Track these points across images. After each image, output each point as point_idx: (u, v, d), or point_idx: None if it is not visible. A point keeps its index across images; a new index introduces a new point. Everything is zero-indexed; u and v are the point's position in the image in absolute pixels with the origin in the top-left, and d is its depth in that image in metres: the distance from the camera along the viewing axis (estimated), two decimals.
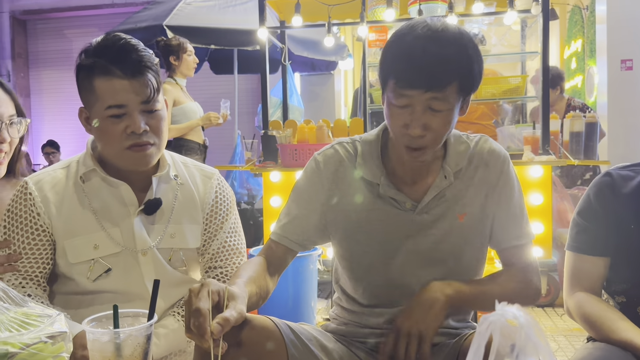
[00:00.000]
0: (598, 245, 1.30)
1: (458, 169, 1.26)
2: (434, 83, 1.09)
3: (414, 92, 1.10)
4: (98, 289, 1.33)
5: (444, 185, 1.25)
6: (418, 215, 1.25)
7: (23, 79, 8.54)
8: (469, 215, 1.26)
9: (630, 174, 1.30)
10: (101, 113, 1.26)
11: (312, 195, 1.31)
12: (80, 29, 8.29)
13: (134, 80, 1.26)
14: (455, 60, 1.10)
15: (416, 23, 1.14)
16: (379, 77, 1.21)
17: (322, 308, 3.34)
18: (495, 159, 1.28)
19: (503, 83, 3.57)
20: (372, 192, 1.27)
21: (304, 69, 6.00)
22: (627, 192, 1.27)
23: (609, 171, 1.32)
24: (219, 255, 1.43)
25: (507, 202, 1.28)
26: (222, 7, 4.97)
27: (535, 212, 3.07)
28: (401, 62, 1.11)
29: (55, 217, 1.33)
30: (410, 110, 1.13)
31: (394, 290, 1.28)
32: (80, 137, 8.02)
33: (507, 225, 1.29)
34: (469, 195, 1.26)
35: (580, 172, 3.96)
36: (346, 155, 1.31)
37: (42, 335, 0.91)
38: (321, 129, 3.33)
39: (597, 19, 4.68)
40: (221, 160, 5.40)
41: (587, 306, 1.26)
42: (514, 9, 3.22)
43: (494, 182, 1.27)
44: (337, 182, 1.29)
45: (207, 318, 0.92)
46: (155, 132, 1.30)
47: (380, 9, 3.40)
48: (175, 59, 3.70)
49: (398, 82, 1.11)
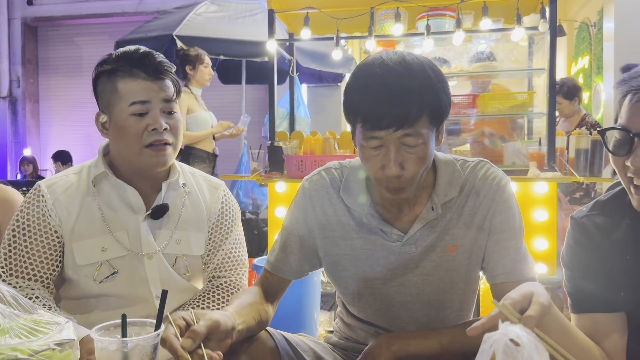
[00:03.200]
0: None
1: (448, 199, 1.19)
2: (403, 120, 1.03)
3: (383, 133, 1.05)
4: (103, 292, 1.36)
5: (430, 217, 1.18)
6: (405, 247, 1.20)
7: (32, 84, 8.61)
8: (460, 248, 1.19)
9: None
10: (125, 110, 1.32)
11: (301, 222, 1.28)
12: (91, 36, 8.38)
13: (157, 81, 1.34)
14: (420, 92, 1.04)
15: (372, 61, 1.08)
16: (346, 120, 1.14)
17: (324, 320, 3.34)
18: (487, 187, 1.19)
19: (510, 99, 3.58)
20: (356, 220, 1.23)
21: (311, 81, 6.04)
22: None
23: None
24: (224, 265, 1.46)
25: (498, 232, 1.18)
26: (231, 18, 5.02)
27: (540, 229, 3.07)
28: (364, 103, 1.05)
29: (66, 220, 1.36)
30: (384, 150, 1.07)
31: (384, 318, 1.27)
32: (88, 142, 8.10)
33: (498, 258, 1.18)
34: (460, 226, 1.19)
35: (571, 189, 3.95)
36: (332, 182, 1.27)
37: (50, 342, 0.93)
38: (327, 141, 3.35)
39: (604, 36, 4.70)
40: (227, 169, 5.42)
41: None
42: (521, 26, 3.24)
43: (484, 212, 1.18)
44: (324, 208, 1.26)
45: (173, 340, 0.93)
46: (173, 132, 1.36)
47: (388, 23, 3.42)
48: (192, 69, 3.79)
49: (365, 125, 1.05)
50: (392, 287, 1.23)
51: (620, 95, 1.03)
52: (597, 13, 4.97)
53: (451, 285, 1.21)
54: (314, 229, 1.27)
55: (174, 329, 0.95)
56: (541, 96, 3.62)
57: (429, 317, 1.24)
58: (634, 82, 1.00)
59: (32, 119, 8.62)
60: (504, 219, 1.19)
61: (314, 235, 1.28)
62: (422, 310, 1.23)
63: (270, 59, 3.64)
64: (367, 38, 3.38)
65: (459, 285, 1.22)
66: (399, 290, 1.22)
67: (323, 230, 1.26)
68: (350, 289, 1.27)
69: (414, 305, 1.23)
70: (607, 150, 1.06)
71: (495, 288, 1.20)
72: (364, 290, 1.25)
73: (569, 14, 5.69)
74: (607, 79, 4.59)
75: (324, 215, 1.26)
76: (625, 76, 1.02)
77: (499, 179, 1.20)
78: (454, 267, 1.20)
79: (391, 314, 1.25)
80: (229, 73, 5.93)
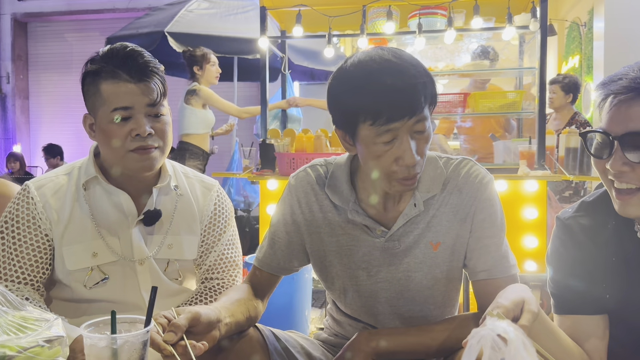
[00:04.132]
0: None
1: (430, 195, 1.20)
2: (416, 107, 1.06)
3: (399, 124, 1.06)
4: (94, 297, 1.34)
5: (413, 213, 1.19)
6: (389, 243, 1.21)
7: (22, 81, 8.55)
8: (443, 245, 1.20)
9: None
10: (107, 116, 1.28)
11: (288, 219, 1.29)
12: (81, 32, 8.33)
13: (140, 83, 1.28)
14: (423, 79, 1.08)
15: (364, 60, 1.09)
16: (340, 125, 1.14)
17: (315, 317, 3.34)
18: (470, 184, 1.20)
19: (500, 98, 3.60)
20: (341, 217, 1.24)
21: (303, 79, 6.03)
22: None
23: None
24: (216, 267, 1.44)
25: (480, 230, 1.19)
26: (223, 15, 5.00)
27: (530, 227, 3.09)
28: (377, 98, 1.05)
29: (56, 223, 1.33)
30: (398, 142, 1.08)
31: (369, 314, 1.28)
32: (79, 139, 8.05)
33: (479, 256, 1.20)
34: (442, 223, 1.20)
35: (561, 188, 3.98)
36: (317, 178, 1.28)
37: (39, 339, 0.92)
38: (319, 139, 3.35)
39: (594, 35, 4.73)
40: (219, 167, 5.42)
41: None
42: (512, 25, 3.25)
43: (466, 209, 1.20)
44: (310, 205, 1.27)
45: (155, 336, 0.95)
46: (160, 135, 1.32)
47: (380, 21, 3.42)
48: (199, 69, 3.83)
49: (378, 120, 1.05)
50: (377, 283, 1.24)
51: (600, 98, 1.04)
52: (587, 13, 5.01)
53: (434, 282, 1.22)
54: (300, 225, 1.28)
55: (157, 327, 0.96)
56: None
57: (412, 313, 1.25)
58: (613, 86, 1.00)
59: (21, 116, 8.55)
60: (486, 217, 1.20)
61: (300, 231, 1.29)
62: (406, 306, 1.24)
63: (262, 56, 3.63)
64: (359, 36, 3.38)
65: (441, 281, 1.23)
66: (383, 286, 1.24)
67: (309, 227, 1.27)
68: (336, 284, 1.28)
69: (399, 301, 1.24)
70: (588, 152, 1.06)
71: (477, 285, 1.21)
72: (350, 287, 1.26)
73: (559, 13, 5.72)
74: (597, 79, 4.63)
75: (309, 211, 1.27)
76: (606, 79, 1.03)
77: (482, 177, 1.21)
78: (436, 264, 1.21)
79: (376, 310, 1.26)
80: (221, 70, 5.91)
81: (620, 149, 0.99)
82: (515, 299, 0.90)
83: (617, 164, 0.99)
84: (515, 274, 1.20)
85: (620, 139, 0.99)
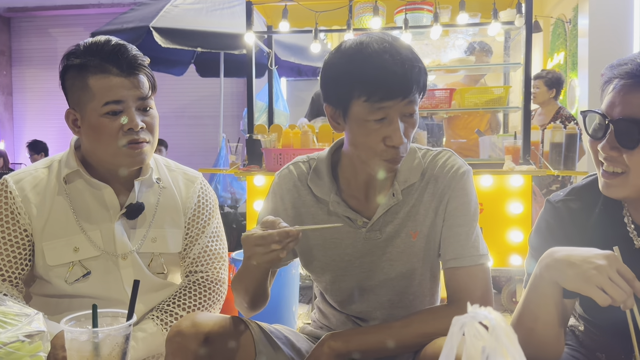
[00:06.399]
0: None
1: (408, 185, 1.23)
2: (409, 88, 1.09)
3: (391, 103, 1.09)
4: (76, 293, 1.32)
5: (392, 203, 1.22)
6: (370, 233, 1.23)
7: (5, 77, 8.43)
8: (421, 234, 1.23)
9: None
10: (97, 110, 1.25)
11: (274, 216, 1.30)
12: (66, 28, 8.23)
13: (131, 77, 1.27)
14: (418, 62, 1.12)
15: (366, 41, 1.11)
16: (332, 101, 1.16)
17: (303, 313, 3.34)
18: (445, 174, 1.22)
19: (486, 93, 3.62)
20: (323, 210, 1.26)
21: (290, 74, 6.02)
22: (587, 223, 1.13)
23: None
24: (200, 259, 1.43)
25: (451, 218, 1.21)
26: (209, 10, 4.97)
27: (515, 221, 3.11)
28: (374, 76, 1.08)
29: (36, 218, 1.31)
30: (388, 121, 1.11)
31: (355, 304, 1.30)
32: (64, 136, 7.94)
33: (449, 243, 1.21)
34: (420, 212, 1.23)
35: (547, 182, 4.01)
36: (299, 175, 1.30)
37: (19, 334, 0.91)
38: (306, 134, 3.34)
39: (579, 32, 4.77)
40: (205, 163, 5.39)
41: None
42: (497, 21, 3.28)
43: (441, 198, 1.22)
44: (293, 201, 1.29)
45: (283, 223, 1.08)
46: (150, 130, 1.31)
47: (366, 17, 3.43)
48: None
49: (373, 96, 1.08)
50: (361, 273, 1.26)
51: (603, 80, 1.05)
52: (572, 10, 5.05)
53: (412, 271, 1.25)
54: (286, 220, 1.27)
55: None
56: (517, 91, 3.66)
57: (392, 303, 1.27)
58: (617, 70, 1.02)
59: (5, 112, 8.44)
60: (459, 205, 1.21)
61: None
62: (387, 296, 1.27)
63: (249, 51, 3.62)
64: (346, 31, 3.38)
65: (418, 271, 1.25)
66: (367, 275, 1.26)
67: (294, 224, 1.27)
68: (324, 276, 1.30)
69: (381, 290, 1.26)
70: (585, 131, 1.08)
71: (446, 273, 1.22)
72: (335, 278, 1.28)
73: (545, 10, 5.76)
74: (582, 75, 4.67)
75: (293, 208, 1.29)
76: (614, 62, 1.04)
77: (458, 167, 1.23)
78: (414, 253, 1.23)
79: (361, 299, 1.28)
80: (206, 66, 5.88)
81: (613, 133, 1.01)
82: None
83: (607, 147, 1.01)
84: (485, 264, 1.20)
85: (615, 122, 1.00)
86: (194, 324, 1.15)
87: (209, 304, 1.40)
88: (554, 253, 0.97)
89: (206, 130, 7.49)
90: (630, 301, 0.88)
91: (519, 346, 0.54)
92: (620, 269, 0.89)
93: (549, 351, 1.03)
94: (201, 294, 1.40)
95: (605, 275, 0.88)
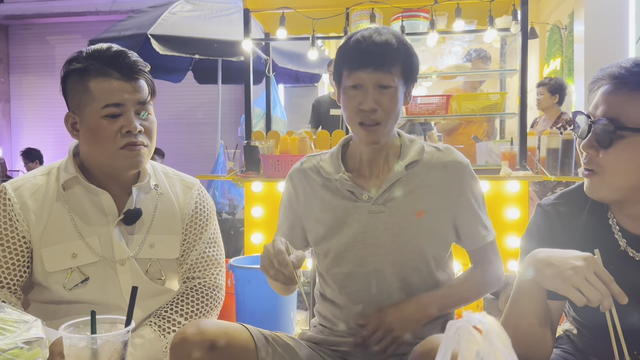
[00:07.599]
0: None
1: (411, 161, 1.37)
2: (381, 62, 1.27)
3: (364, 73, 1.28)
4: (74, 299, 1.32)
5: (396, 177, 1.35)
6: (374, 207, 1.35)
7: (3, 84, 8.45)
8: (427, 214, 1.34)
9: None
10: (97, 112, 1.27)
11: (288, 207, 1.47)
12: (63, 35, 8.25)
13: (131, 81, 1.29)
14: (397, 47, 1.29)
15: (364, 30, 1.34)
16: (334, 75, 1.38)
17: (301, 319, 3.34)
18: (455, 165, 1.38)
19: (482, 99, 3.63)
20: (331, 191, 1.40)
21: (287, 81, 6.04)
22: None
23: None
24: (197, 265, 1.43)
25: (471, 208, 1.39)
26: (207, 17, 4.99)
27: (512, 227, 3.12)
28: (352, 50, 1.30)
29: (34, 225, 1.31)
30: (363, 90, 1.29)
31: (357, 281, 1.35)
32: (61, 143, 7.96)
33: (473, 230, 1.40)
34: (427, 194, 1.36)
35: (552, 185, 4.04)
36: (311, 166, 1.46)
37: (18, 340, 0.92)
38: (303, 141, 3.35)
39: (575, 38, 4.80)
40: (203, 169, 5.40)
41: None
42: (494, 27, 3.29)
43: (454, 188, 1.37)
44: (306, 191, 1.44)
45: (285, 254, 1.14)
46: (148, 134, 1.32)
47: (363, 24, 3.44)
48: None
49: (350, 66, 1.30)
50: (364, 248, 1.34)
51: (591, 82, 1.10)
52: (568, 16, 5.08)
53: (419, 249, 1.34)
54: (300, 210, 1.45)
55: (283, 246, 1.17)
56: (513, 97, 3.68)
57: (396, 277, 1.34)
58: (602, 72, 1.07)
59: (2, 119, 8.45)
60: (472, 196, 1.39)
61: (301, 215, 1.44)
62: (390, 269, 1.34)
63: (246, 58, 3.63)
64: (343, 38, 3.39)
65: (426, 248, 1.34)
66: (370, 251, 1.34)
67: (306, 209, 1.43)
68: (330, 254, 1.38)
69: (383, 265, 1.33)
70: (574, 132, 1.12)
71: (473, 254, 1.43)
72: (340, 254, 1.36)
73: (541, 16, 5.79)
74: (578, 81, 4.69)
75: (304, 195, 1.44)
76: (604, 67, 1.09)
77: (466, 162, 1.41)
78: (420, 230, 1.34)
79: (362, 275, 1.35)
80: (204, 73, 5.90)
81: (593, 133, 1.04)
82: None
83: (586, 146, 1.05)
84: (494, 238, 1.43)
85: (595, 122, 1.04)
86: (200, 330, 1.17)
87: (207, 310, 1.41)
88: (536, 254, 1.01)
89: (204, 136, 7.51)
90: (608, 302, 0.90)
91: (512, 350, 0.55)
92: (597, 271, 0.92)
93: (535, 351, 1.05)
94: (199, 300, 1.40)
95: (582, 276, 0.90)
